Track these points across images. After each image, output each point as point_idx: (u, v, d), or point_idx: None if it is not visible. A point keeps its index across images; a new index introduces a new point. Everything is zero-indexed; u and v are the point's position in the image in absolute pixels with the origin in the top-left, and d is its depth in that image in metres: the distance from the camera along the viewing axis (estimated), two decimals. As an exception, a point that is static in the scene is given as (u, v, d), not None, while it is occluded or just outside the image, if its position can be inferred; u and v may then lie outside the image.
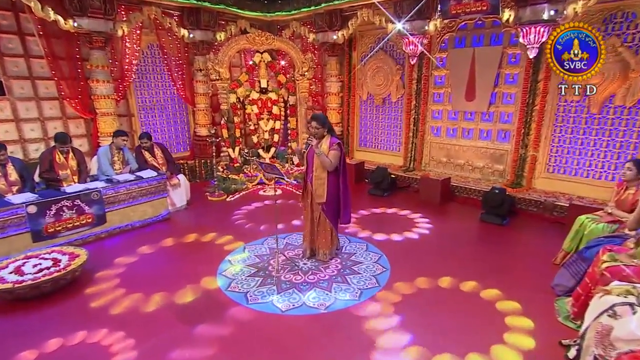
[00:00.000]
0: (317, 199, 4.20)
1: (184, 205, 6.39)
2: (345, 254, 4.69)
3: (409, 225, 5.60)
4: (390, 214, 6.05)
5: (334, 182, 4.20)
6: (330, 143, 4.09)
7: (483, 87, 6.56)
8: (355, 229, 5.38)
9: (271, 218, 5.79)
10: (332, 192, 4.21)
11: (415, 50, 6.86)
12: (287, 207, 6.38)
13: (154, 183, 5.73)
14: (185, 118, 8.25)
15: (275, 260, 4.34)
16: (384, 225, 5.52)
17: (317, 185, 4.17)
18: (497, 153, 6.71)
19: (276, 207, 4.33)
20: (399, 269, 4.32)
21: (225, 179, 7.17)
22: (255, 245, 4.95)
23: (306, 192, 4.35)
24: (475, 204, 6.38)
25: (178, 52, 7.66)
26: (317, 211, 4.32)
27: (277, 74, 8.01)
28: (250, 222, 5.74)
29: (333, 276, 4.15)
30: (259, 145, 8.06)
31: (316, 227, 4.39)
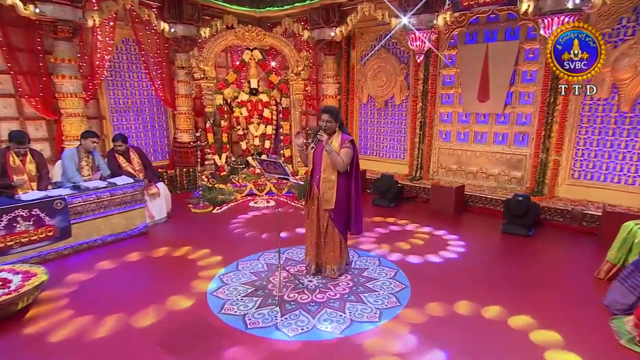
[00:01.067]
0: (325, 205, 3.87)
1: (164, 218, 5.95)
2: (356, 269, 4.32)
3: (422, 239, 5.26)
4: (401, 228, 5.70)
5: (345, 186, 3.89)
6: (342, 140, 3.80)
7: (498, 86, 6.39)
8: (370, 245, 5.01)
9: (266, 231, 5.49)
10: (342, 197, 3.89)
11: (422, 47, 6.66)
12: (281, 218, 5.95)
13: (130, 191, 5.28)
14: (164, 122, 7.98)
15: (275, 277, 3.93)
16: (396, 240, 5.17)
17: (325, 188, 3.84)
18: (514, 158, 6.50)
19: (278, 214, 3.93)
20: (421, 285, 3.95)
21: (212, 188, 6.76)
22: (250, 261, 4.55)
23: (311, 197, 4.02)
24: (493, 214, 6.17)
25: (157, 48, 7.41)
26: (324, 220, 3.97)
27: (269, 74, 7.73)
28: (241, 236, 5.40)
29: (345, 295, 3.76)
30: (248, 152, 7.69)
31: (323, 239, 4.04)
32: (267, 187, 7.30)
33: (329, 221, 3.95)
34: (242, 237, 5.33)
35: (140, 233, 5.41)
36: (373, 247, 4.94)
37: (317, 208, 3.98)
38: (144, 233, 5.44)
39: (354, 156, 3.84)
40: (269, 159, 3.81)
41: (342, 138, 3.82)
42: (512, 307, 3.51)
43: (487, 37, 6.46)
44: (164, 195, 5.97)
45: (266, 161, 3.70)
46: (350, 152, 3.79)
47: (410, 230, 5.57)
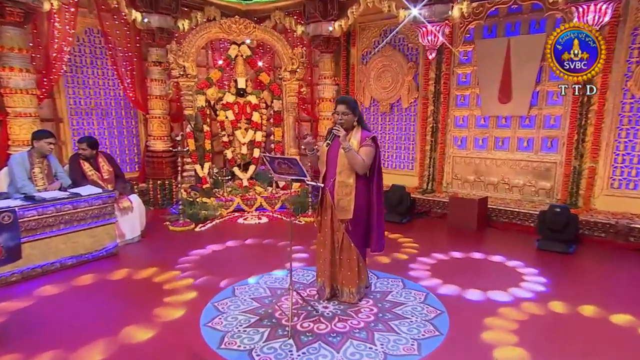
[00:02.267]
0: (341, 215, 3.60)
1: (137, 237, 5.54)
2: (377, 292, 4.00)
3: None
4: (419, 251, 5.39)
5: (364, 192, 3.64)
6: (361, 137, 3.57)
7: (521, 85, 6.27)
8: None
9: (260, 252, 5.17)
10: (361, 205, 3.63)
11: (435, 42, 6.54)
12: (279, 235, 5.63)
13: (98, 204, 4.84)
14: (134, 128, 7.70)
15: (283, 303, 3.56)
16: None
17: (341, 194, 3.56)
18: (541, 167, 6.35)
19: (290, 224, 3.57)
20: (461, 312, 3.62)
21: (193, 203, 6.35)
22: (248, 285, 4.14)
23: (323, 206, 3.74)
24: (522, 230, 5.98)
25: (127, 41, 7.16)
26: (339, 233, 3.69)
27: (259, 72, 7.47)
28: (233, 257, 5.04)
29: (371, 323, 3.40)
30: (234, 162, 7.34)
31: (338, 256, 3.74)
32: (257, 202, 6.94)
33: (344, 234, 3.66)
34: (232, 258, 4.98)
35: (108, 254, 4.95)
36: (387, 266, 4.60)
37: (330, 219, 3.70)
38: (114, 254, 5.00)
39: (377, 156, 3.59)
40: (281, 156, 3.48)
41: (361, 135, 3.59)
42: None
43: (509, 30, 6.36)
44: (138, 210, 5.55)
45: (278, 159, 3.36)
46: (372, 151, 3.56)
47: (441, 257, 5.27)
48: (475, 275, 4.44)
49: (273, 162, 3.39)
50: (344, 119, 3.55)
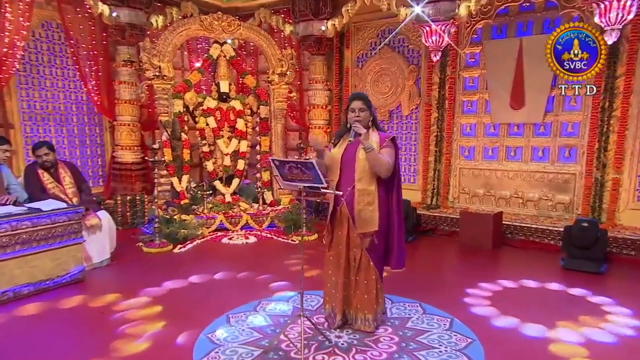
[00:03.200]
0: (363, 228, 3.43)
1: (106, 260, 5.22)
2: (394, 319, 3.80)
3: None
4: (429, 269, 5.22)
5: (385, 200, 3.52)
6: (381, 138, 3.47)
7: (535, 89, 6.25)
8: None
9: (253, 275, 4.92)
10: (383, 215, 3.49)
11: (440, 43, 6.47)
12: (268, 256, 5.39)
13: (63, 220, 4.51)
14: (98, 136, 7.47)
15: (290, 332, 3.29)
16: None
17: (361, 203, 3.41)
18: (559, 178, 6.31)
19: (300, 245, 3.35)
20: (492, 339, 3.43)
21: (170, 221, 6.04)
22: (244, 312, 3.87)
23: (337, 219, 3.54)
24: (541, 247, 5.92)
25: (92, 37, 6.96)
26: (356, 250, 3.52)
27: (244, 75, 7.30)
28: (222, 281, 4.76)
29: (394, 354, 3.18)
30: (215, 174, 7.09)
31: (354, 276, 3.56)
32: (242, 220, 6.69)
33: (362, 252, 3.46)
34: (221, 282, 4.71)
35: (73, 281, 4.60)
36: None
37: (346, 234, 3.53)
38: (79, 280, 4.65)
39: (397, 160, 3.51)
40: (293, 160, 3.28)
41: (380, 136, 3.50)
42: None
43: (520, 30, 6.36)
44: (108, 228, 5.23)
45: (289, 163, 3.14)
46: (393, 152, 3.51)
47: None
48: (503, 300, 4.26)
49: (283, 166, 3.18)
50: (361, 116, 3.46)
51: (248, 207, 7.01)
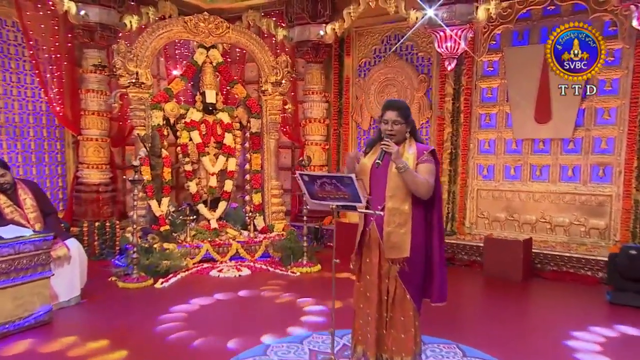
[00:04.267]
0: (392, 253, 3.22)
1: (76, 298, 4.89)
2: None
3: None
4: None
5: (422, 222, 3.31)
6: (418, 151, 3.28)
7: (563, 101, 6.23)
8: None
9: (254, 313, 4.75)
10: (419, 240, 3.27)
11: (455, 50, 6.45)
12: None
13: (28, 251, 4.17)
14: (59, 153, 7.30)
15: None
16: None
17: (392, 225, 3.21)
18: (592, 201, 6.29)
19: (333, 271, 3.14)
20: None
21: (150, 250, 5.74)
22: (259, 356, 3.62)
23: (366, 244, 3.36)
24: (577, 279, 5.84)
25: (55, 39, 6.84)
26: (390, 280, 3.29)
27: (233, 84, 7.16)
28: (221, 322, 4.55)
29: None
30: (199, 197, 6.84)
31: (387, 312, 3.32)
32: (232, 249, 6.44)
33: (397, 281, 3.25)
34: (216, 323, 4.48)
35: (38, 324, 4.23)
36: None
37: (378, 262, 3.31)
38: (46, 323, 4.29)
39: (437, 176, 3.32)
40: (327, 174, 3.07)
41: (418, 149, 3.30)
42: None
43: (544, 36, 6.37)
44: (78, 260, 4.89)
45: (321, 178, 2.93)
46: (433, 168, 3.28)
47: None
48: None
49: (313, 182, 2.97)
50: (394, 130, 3.23)
51: (237, 234, 6.79)
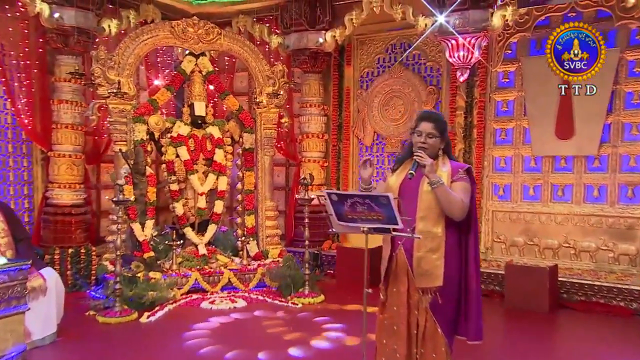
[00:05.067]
0: (422, 282, 3.13)
1: (51, 335, 4.70)
2: None
3: None
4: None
5: (455, 248, 3.22)
6: (452, 169, 3.23)
7: (587, 115, 6.28)
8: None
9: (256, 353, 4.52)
10: (452, 267, 3.18)
11: (468, 60, 6.46)
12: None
13: (1, 282, 3.97)
14: (25, 171, 7.16)
15: None
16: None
17: (422, 250, 3.13)
18: (621, 224, 6.26)
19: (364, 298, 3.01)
20: None
21: (133, 279, 5.58)
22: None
23: (392, 271, 3.26)
24: (610, 310, 5.77)
25: (24, 43, 6.78)
26: (419, 312, 3.16)
27: (224, 95, 7.09)
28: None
29: None
30: (186, 219, 6.70)
31: (418, 348, 3.19)
32: (223, 278, 6.32)
33: (428, 314, 3.13)
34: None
35: (10, 367, 4.03)
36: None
37: (406, 291, 3.19)
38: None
39: (473, 197, 3.24)
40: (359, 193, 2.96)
41: (452, 166, 3.24)
42: None
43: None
44: (55, 292, 4.72)
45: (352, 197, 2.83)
46: (468, 187, 3.21)
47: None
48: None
49: (343, 202, 2.86)
50: (428, 143, 3.16)
51: (228, 261, 6.67)
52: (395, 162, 3.42)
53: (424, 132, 3.16)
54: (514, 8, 6.17)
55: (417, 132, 3.20)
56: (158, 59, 8.32)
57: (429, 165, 3.05)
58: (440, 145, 3.22)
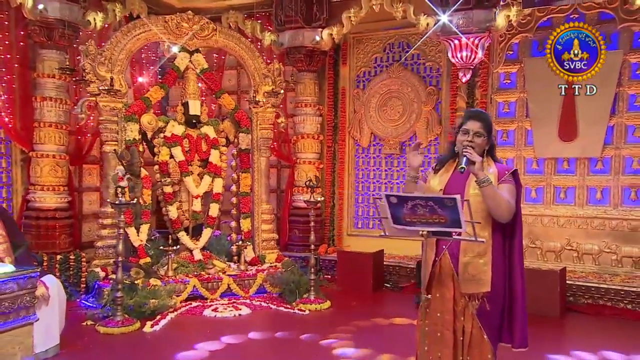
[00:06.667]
0: (469, 287, 3.12)
1: (54, 348, 4.49)
2: None
3: None
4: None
5: (500, 253, 3.22)
6: (499, 171, 3.22)
7: (591, 117, 6.39)
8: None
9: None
10: (499, 272, 3.17)
11: (471, 60, 6.51)
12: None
13: (11, 291, 3.84)
14: (4, 172, 7.01)
15: None
16: None
17: (469, 254, 3.13)
18: (624, 226, 6.37)
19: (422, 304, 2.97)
20: None
21: (133, 286, 5.41)
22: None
23: (436, 277, 3.22)
24: (619, 314, 5.84)
25: (4, 37, 6.69)
26: (465, 318, 3.14)
27: (219, 94, 6.98)
28: None
29: None
30: (180, 223, 6.55)
31: (464, 355, 3.18)
32: (222, 285, 6.21)
33: (474, 321, 3.11)
34: None
35: (18, 382, 3.86)
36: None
37: (452, 297, 3.16)
38: (25, 381, 3.92)
39: (519, 200, 3.24)
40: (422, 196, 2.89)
41: (498, 168, 3.23)
42: None
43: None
44: (57, 300, 4.52)
45: (414, 200, 2.77)
46: (514, 190, 3.19)
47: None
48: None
49: (402, 205, 2.78)
50: (475, 143, 3.13)
51: (225, 266, 6.55)
52: (437, 163, 3.39)
53: (471, 130, 3.13)
54: (519, 8, 6.23)
55: (464, 130, 3.17)
56: (142, 55, 8.13)
57: (478, 163, 3.04)
58: (485, 146, 3.20)
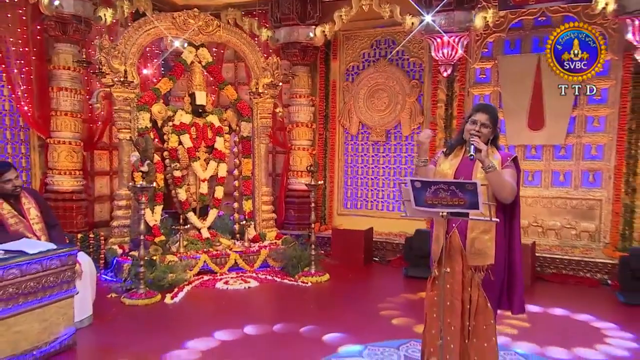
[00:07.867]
0: (475, 260, 3.22)
1: (88, 318, 4.50)
2: None
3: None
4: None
5: (502, 231, 3.32)
6: (502, 158, 3.32)
7: (556, 109, 6.55)
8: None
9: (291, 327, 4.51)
10: (501, 247, 3.27)
11: (452, 57, 6.62)
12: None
13: (55, 267, 3.78)
14: (23, 157, 6.88)
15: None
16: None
17: (475, 231, 3.22)
18: (583, 205, 6.61)
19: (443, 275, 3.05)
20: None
21: (152, 262, 5.40)
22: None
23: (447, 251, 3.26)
24: (580, 281, 6.04)
25: (23, 30, 6.51)
26: (472, 288, 3.24)
27: (223, 85, 6.93)
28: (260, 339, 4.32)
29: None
30: (188, 204, 6.51)
31: (470, 321, 3.27)
32: (230, 260, 6.22)
33: (480, 290, 3.23)
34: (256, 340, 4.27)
35: (63, 349, 3.84)
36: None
37: (462, 270, 3.25)
38: (70, 347, 3.91)
39: (519, 184, 3.35)
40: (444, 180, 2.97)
41: (502, 155, 3.33)
42: None
43: (536, 45, 6.67)
44: (89, 276, 4.51)
45: (436, 184, 2.85)
46: (515, 174, 3.30)
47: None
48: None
49: (425, 189, 2.86)
50: (481, 132, 3.23)
51: (231, 244, 6.56)
52: (447, 148, 3.48)
53: (479, 121, 3.19)
54: (495, 10, 6.34)
55: (472, 120, 3.23)
56: (146, 49, 7.98)
57: (484, 151, 3.13)
58: (490, 136, 3.29)
